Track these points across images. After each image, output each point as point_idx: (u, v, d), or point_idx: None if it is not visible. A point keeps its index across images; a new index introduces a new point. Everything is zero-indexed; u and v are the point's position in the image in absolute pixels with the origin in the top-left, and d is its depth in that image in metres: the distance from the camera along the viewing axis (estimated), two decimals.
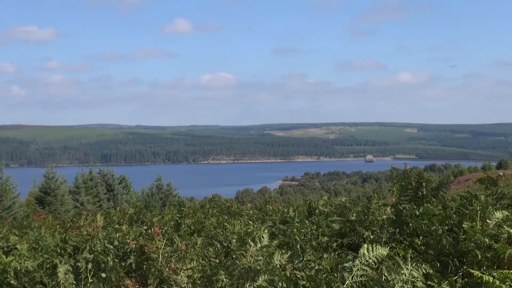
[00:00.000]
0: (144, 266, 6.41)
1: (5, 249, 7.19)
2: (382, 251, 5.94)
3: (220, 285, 5.33)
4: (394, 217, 7.20)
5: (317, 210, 8.89)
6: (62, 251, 7.04)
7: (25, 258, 6.48)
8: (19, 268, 6.29)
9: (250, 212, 12.20)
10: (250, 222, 9.39)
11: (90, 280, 6.34)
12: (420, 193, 7.34)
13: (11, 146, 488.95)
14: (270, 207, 13.22)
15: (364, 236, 7.30)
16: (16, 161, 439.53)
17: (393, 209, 7.49)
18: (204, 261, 5.96)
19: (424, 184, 7.32)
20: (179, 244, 6.92)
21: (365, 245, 5.97)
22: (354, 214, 8.24)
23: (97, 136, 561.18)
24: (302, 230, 7.45)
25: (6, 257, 6.32)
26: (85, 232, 7.81)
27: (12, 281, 6.23)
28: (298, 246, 6.35)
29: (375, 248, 5.94)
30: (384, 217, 7.64)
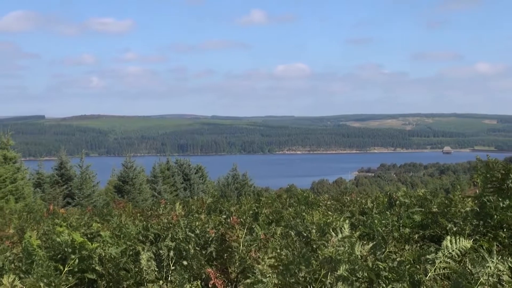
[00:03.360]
0: (225, 255, 6.45)
1: (89, 235, 7.32)
2: (466, 243, 5.83)
3: (302, 275, 5.32)
4: (478, 209, 7.05)
5: (397, 201, 8.78)
6: (144, 238, 7.14)
7: (108, 244, 6.60)
8: (103, 255, 6.41)
9: (328, 202, 12.12)
10: (329, 212, 9.34)
11: (172, 268, 6.41)
12: (505, 185, 7.17)
13: (90, 136, 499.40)
14: (348, 198, 13.10)
15: (447, 228, 7.17)
16: (95, 150, 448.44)
17: (476, 201, 7.34)
18: (287, 251, 5.95)
19: (511, 175, 7.14)
20: (259, 233, 6.94)
21: (448, 237, 5.87)
22: (435, 206, 8.10)
23: (174, 126, 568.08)
24: (383, 221, 7.37)
25: (91, 244, 6.44)
26: (166, 221, 7.89)
27: (97, 267, 6.35)
28: (380, 238, 6.28)
29: (458, 240, 5.83)
30: (468, 209, 7.50)
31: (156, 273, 6.37)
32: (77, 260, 6.34)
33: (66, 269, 6.24)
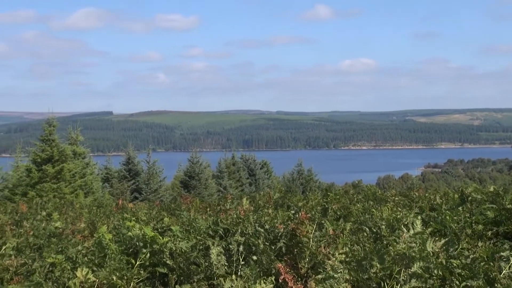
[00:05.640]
0: (295, 250, 6.43)
1: (159, 230, 7.39)
2: None
3: (373, 271, 5.26)
4: None
5: (469, 197, 8.62)
6: (213, 233, 7.17)
7: (179, 239, 6.64)
8: (174, 249, 6.45)
9: (396, 198, 11.99)
10: (399, 208, 9.24)
11: (242, 262, 6.42)
12: None
13: (157, 131, 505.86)
14: (416, 194, 12.93)
15: None
16: (162, 146, 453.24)
17: None
18: (358, 246, 5.90)
19: None
20: (329, 228, 6.90)
21: None
22: (507, 202, 7.92)
23: (239, 121, 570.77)
24: (455, 218, 7.25)
25: (162, 238, 6.50)
26: (235, 216, 7.92)
27: (168, 261, 6.40)
28: (453, 234, 6.18)
29: None
30: None
31: (226, 267, 6.38)
32: (148, 254, 6.40)
33: (137, 262, 6.31)
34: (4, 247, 7.83)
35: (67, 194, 26.55)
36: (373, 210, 8.87)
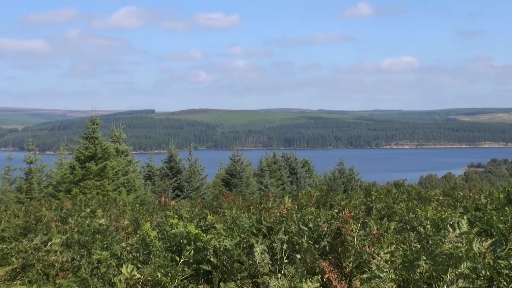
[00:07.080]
0: (340, 249, 6.40)
1: (203, 227, 7.41)
2: None
3: (420, 271, 5.21)
4: None
5: None
6: (257, 231, 7.16)
7: (223, 237, 6.65)
8: (218, 246, 6.46)
9: (440, 198, 11.87)
10: (443, 208, 9.14)
11: (286, 261, 6.41)
12: None
13: (198, 130, 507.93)
14: (461, 193, 12.78)
15: None
16: (203, 144, 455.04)
17: None
18: (404, 246, 5.85)
19: None
20: (373, 227, 6.85)
21: None
22: None
23: (280, 120, 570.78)
24: (501, 218, 7.14)
25: (206, 236, 6.51)
26: (279, 214, 7.90)
27: (211, 259, 6.41)
28: (501, 234, 6.08)
29: None
30: None
31: (269, 266, 6.37)
32: (192, 252, 6.41)
33: (182, 260, 6.33)
34: (50, 243, 7.93)
35: (110, 191, 26.76)
36: (418, 209, 8.80)
